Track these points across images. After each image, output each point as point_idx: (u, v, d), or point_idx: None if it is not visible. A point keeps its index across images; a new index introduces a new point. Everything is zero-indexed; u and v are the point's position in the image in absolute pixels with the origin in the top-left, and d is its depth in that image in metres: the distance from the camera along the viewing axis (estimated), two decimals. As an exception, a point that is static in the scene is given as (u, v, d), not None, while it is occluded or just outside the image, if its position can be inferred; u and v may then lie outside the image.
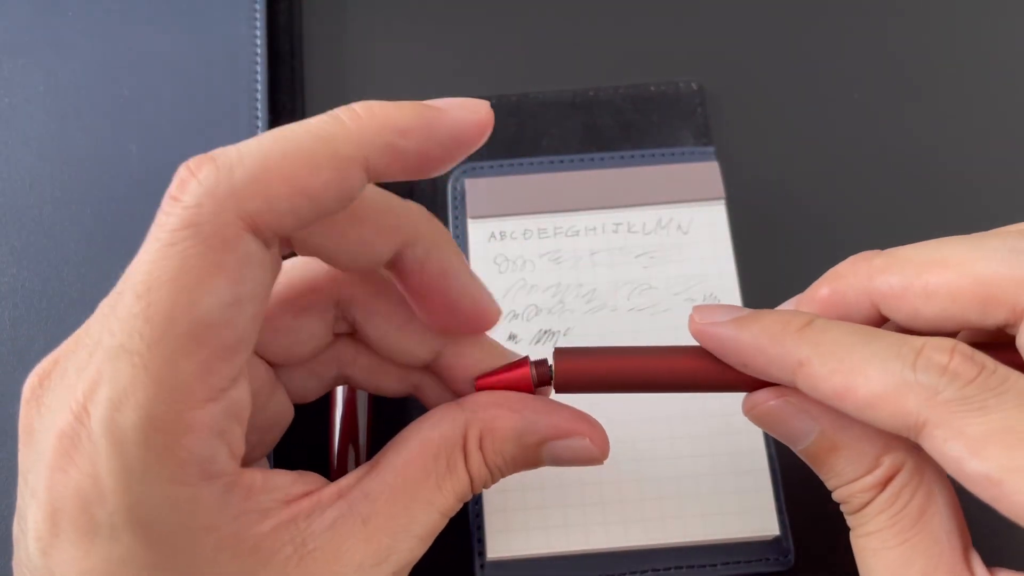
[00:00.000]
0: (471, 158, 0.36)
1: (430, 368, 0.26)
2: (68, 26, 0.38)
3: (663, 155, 0.36)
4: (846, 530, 0.31)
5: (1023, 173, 0.38)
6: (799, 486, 0.31)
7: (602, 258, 0.34)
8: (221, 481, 0.20)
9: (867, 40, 0.40)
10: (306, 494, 0.21)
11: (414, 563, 0.22)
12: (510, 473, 0.24)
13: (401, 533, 0.22)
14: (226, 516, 0.20)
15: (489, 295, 0.24)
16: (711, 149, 0.36)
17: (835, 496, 0.24)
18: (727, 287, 0.33)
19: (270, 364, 0.25)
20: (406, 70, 0.39)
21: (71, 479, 0.19)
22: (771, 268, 0.35)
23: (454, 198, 0.35)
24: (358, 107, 0.20)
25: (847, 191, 0.37)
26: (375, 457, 0.23)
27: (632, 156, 0.36)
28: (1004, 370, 0.20)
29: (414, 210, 0.23)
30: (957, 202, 0.37)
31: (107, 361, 0.18)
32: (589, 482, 0.30)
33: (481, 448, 0.23)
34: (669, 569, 0.30)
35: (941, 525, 0.22)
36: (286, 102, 0.38)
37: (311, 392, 0.26)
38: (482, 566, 0.30)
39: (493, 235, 0.34)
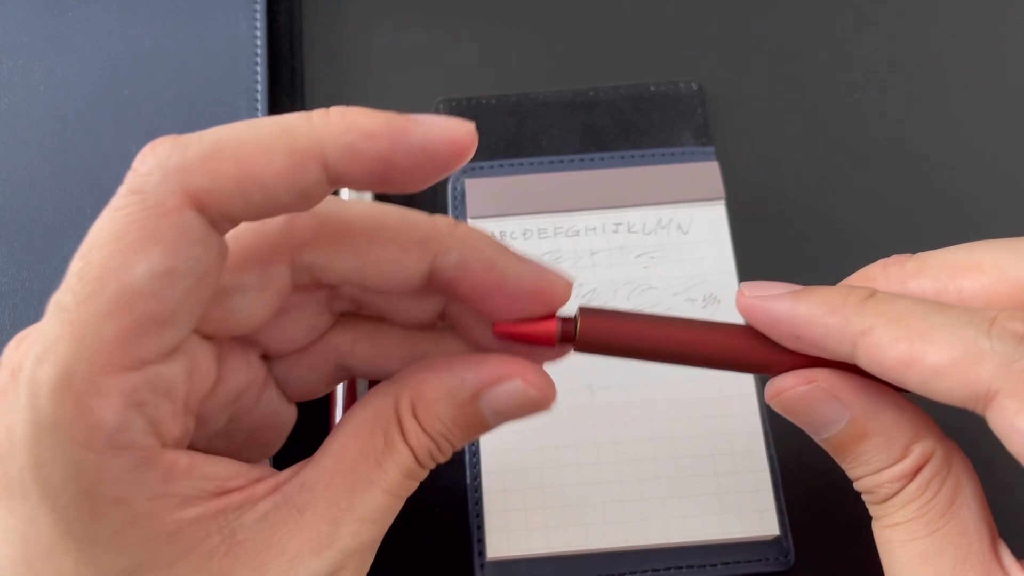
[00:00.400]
0: (471, 158, 0.36)
1: (439, 326, 0.25)
2: (68, 26, 0.38)
3: (663, 155, 0.36)
4: (846, 530, 0.31)
5: (1023, 173, 0.38)
6: (799, 486, 0.32)
7: (602, 258, 0.34)
8: (132, 454, 0.19)
9: (867, 40, 0.40)
10: (244, 487, 0.21)
11: (367, 547, 0.21)
12: (460, 440, 0.23)
13: (343, 517, 0.21)
14: (139, 494, 0.19)
15: (550, 269, 0.23)
16: (711, 149, 0.36)
17: (859, 485, 0.23)
18: (727, 287, 0.33)
19: (264, 357, 0.24)
20: (406, 70, 0.39)
21: None
22: (771, 268, 0.35)
23: (454, 198, 0.35)
24: (333, 110, 0.19)
25: (847, 191, 0.37)
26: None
27: (632, 156, 0.36)
28: None
29: (440, 221, 0.22)
30: (957, 202, 0.37)
31: (46, 318, 0.18)
32: (589, 482, 0.30)
33: (416, 416, 0.22)
34: (669, 569, 0.30)
35: (970, 516, 0.21)
36: (286, 102, 0.38)
37: (311, 387, 0.25)
38: (482, 566, 0.30)
39: (493, 235, 0.34)
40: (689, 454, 0.31)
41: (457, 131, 0.20)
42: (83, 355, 0.18)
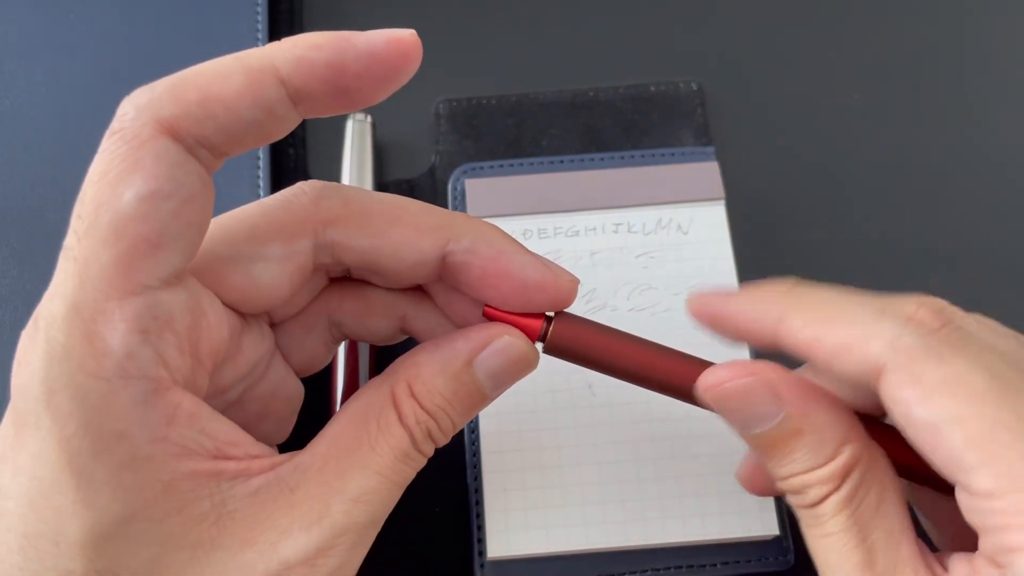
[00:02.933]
0: (471, 158, 0.36)
1: (423, 289, 0.26)
2: (69, 27, 0.38)
3: (663, 155, 0.36)
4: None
5: (1023, 173, 0.38)
6: (799, 486, 0.32)
7: (602, 258, 0.34)
8: (139, 385, 0.19)
9: (867, 41, 0.40)
10: (241, 458, 0.21)
11: (358, 528, 0.22)
12: (460, 414, 0.23)
13: (333, 497, 0.21)
14: (141, 431, 0.19)
15: (556, 266, 0.24)
16: (711, 149, 0.36)
17: (786, 485, 0.23)
18: (727, 287, 0.33)
19: (270, 325, 0.25)
20: (406, 70, 0.39)
21: (20, 372, 0.20)
22: (771, 268, 0.35)
23: (454, 198, 0.35)
24: (285, 39, 0.21)
25: (847, 191, 0.37)
26: None
27: (632, 156, 0.36)
28: (971, 327, 0.21)
29: (456, 214, 0.24)
30: (957, 202, 0.37)
31: (58, 264, 0.20)
32: (589, 482, 0.30)
33: (414, 395, 0.23)
34: (669, 569, 0.30)
35: (896, 518, 0.22)
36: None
37: (309, 353, 0.26)
38: (482, 566, 0.30)
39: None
40: (689, 454, 0.31)
41: (398, 33, 0.21)
42: (87, 284, 0.19)
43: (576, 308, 0.33)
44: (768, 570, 0.30)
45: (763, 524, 0.30)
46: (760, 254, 0.35)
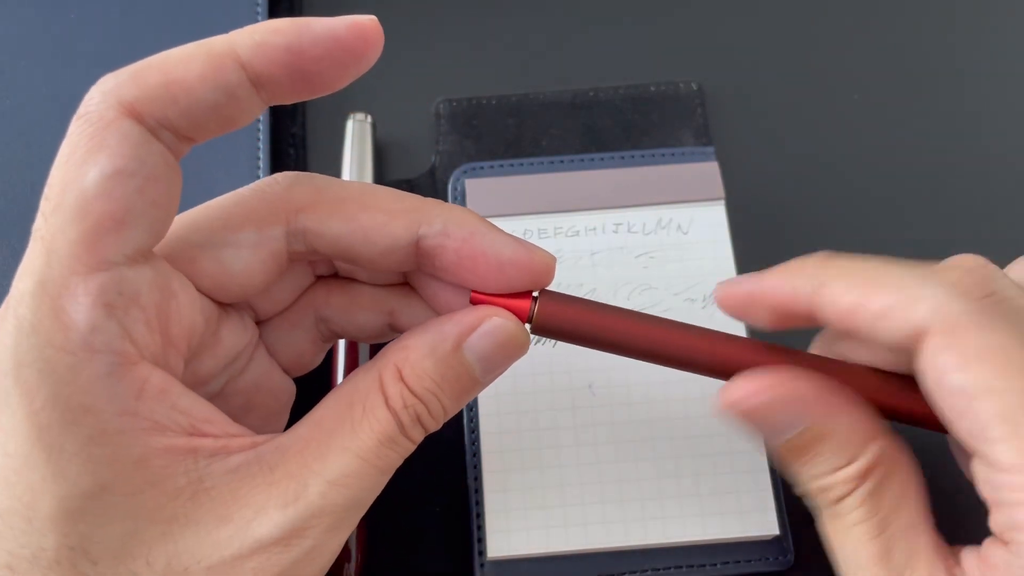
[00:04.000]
0: (471, 158, 0.36)
1: (409, 283, 0.26)
2: (70, 27, 0.38)
3: (663, 155, 0.36)
4: (846, 530, 0.31)
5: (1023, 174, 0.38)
6: (799, 486, 0.32)
7: (602, 258, 0.34)
8: (105, 358, 0.19)
9: (867, 41, 0.40)
10: (218, 436, 0.21)
11: (336, 511, 0.21)
12: (451, 399, 0.23)
13: (311, 478, 0.21)
14: (108, 405, 0.19)
15: (532, 244, 0.24)
16: (711, 149, 0.36)
17: (812, 487, 0.23)
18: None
19: (256, 323, 0.25)
20: (406, 70, 0.39)
21: None
22: (771, 268, 0.35)
23: (454, 198, 0.35)
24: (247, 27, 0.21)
25: (847, 191, 0.37)
26: None
27: (632, 156, 0.36)
28: (1016, 299, 0.21)
29: (428, 199, 0.24)
30: (957, 202, 0.37)
31: (29, 245, 0.20)
32: (589, 482, 0.30)
33: (403, 379, 0.22)
34: (669, 569, 0.30)
35: (916, 510, 0.23)
36: (287, 103, 0.38)
37: (297, 350, 0.26)
38: (482, 565, 0.30)
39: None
40: (689, 454, 0.31)
41: (359, 18, 0.21)
42: (54, 261, 0.19)
43: (576, 308, 0.33)
44: (768, 570, 0.30)
45: (763, 524, 0.30)
46: (760, 254, 0.35)
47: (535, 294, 0.24)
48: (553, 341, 0.32)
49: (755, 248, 0.35)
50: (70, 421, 0.19)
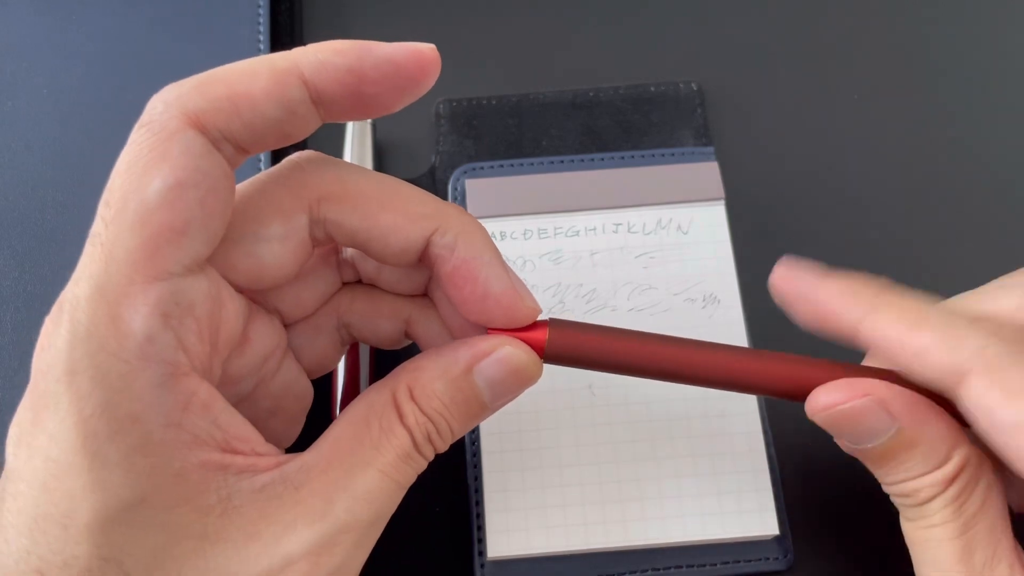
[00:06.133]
0: (472, 158, 0.36)
1: (427, 296, 0.26)
2: (71, 28, 0.38)
3: (663, 155, 0.36)
4: (846, 530, 0.31)
5: (1024, 172, 0.38)
6: (799, 486, 0.32)
7: (602, 258, 0.34)
8: (158, 368, 0.19)
9: (867, 41, 0.40)
10: (248, 454, 0.21)
11: (362, 526, 0.22)
12: (459, 421, 0.24)
13: (338, 494, 0.21)
14: (156, 415, 0.19)
15: (524, 288, 0.24)
16: (711, 149, 0.36)
17: (895, 490, 0.24)
18: (727, 287, 0.33)
19: (283, 325, 0.26)
20: (406, 71, 0.39)
21: (43, 356, 0.20)
22: (771, 268, 0.35)
23: (454, 198, 0.35)
24: (310, 45, 0.22)
25: (847, 191, 0.37)
26: None
27: (632, 156, 0.36)
28: None
29: (449, 205, 0.24)
30: (957, 202, 0.37)
31: (84, 250, 0.20)
32: (589, 482, 0.31)
33: (414, 399, 0.23)
34: (669, 569, 0.30)
35: (997, 514, 0.24)
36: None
37: (320, 353, 0.26)
38: (482, 565, 0.30)
39: (493, 235, 0.34)
40: (689, 454, 0.31)
41: (419, 46, 0.22)
42: (113, 268, 0.19)
43: (576, 308, 0.33)
44: (768, 570, 0.30)
45: (763, 524, 0.30)
46: (760, 254, 0.35)
47: (544, 320, 0.24)
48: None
49: (755, 248, 0.35)
50: (117, 430, 0.19)
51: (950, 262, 0.36)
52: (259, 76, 0.21)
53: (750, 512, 0.30)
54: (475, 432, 0.32)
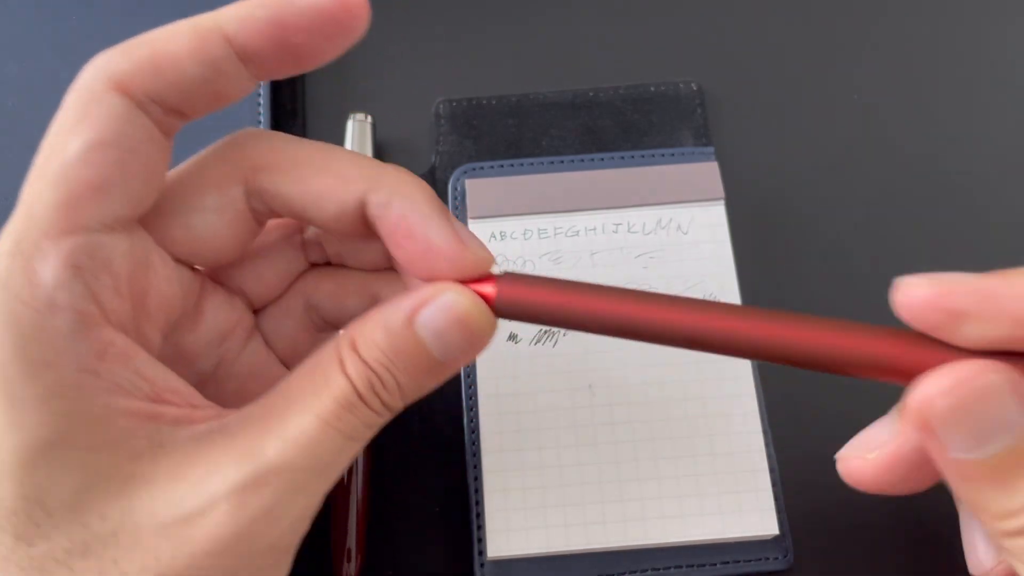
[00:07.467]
0: (471, 158, 0.36)
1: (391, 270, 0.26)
2: (71, 28, 0.38)
3: (663, 156, 0.36)
4: (846, 530, 0.31)
5: (1024, 172, 0.38)
6: (799, 486, 0.32)
7: (602, 258, 0.34)
8: (67, 315, 0.20)
9: (867, 41, 0.40)
10: (181, 406, 0.21)
11: (293, 470, 0.21)
12: (406, 376, 0.22)
13: (269, 437, 0.21)
14: (69, 361, 0.20)
15: (472, 238, 0.23)
16: (711, 149, 0.36)
17: (1014, 525, 0.19)
18: (727, 287, 0.33)
19: (252, 311, 0.26)
20: (406, 70, 0.39)
21: None
22: (771, 268, 0.35)
23: (454, 198, 0.35)
24: None
25: (847, 192, 0.37)
26: None
27: (632, 157, 0.36)
28: None
29: (387, 166, 0.24)
30: (957, 203, 0.37)
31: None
32: (589, 482, 0.30)
33: (355, 348, 0.22)
34: (669, 569, 0.30)
35: None
36: (287, 102, 0.38)
37: (291, 337, 0.26)
38: (482, 565, 0.30)
39: (493, 235, 0.34)
40: (689, 454, 0.31)
41: None
42: (31, 224, 0.20)
43: (576, 308, 0.33)
44: (768, 570, 0.30)
45: (763, 524, 0.30)
46: (760, 254, 0.35)
47: (496, 273, 0.23)
48: (554, 341, 0.33)
49: (755, 248, 0.35)
50: (30, 374, 0.19)
51: (951, 262, 0.36)
52: (181, 35, 0.21)
53: (750, 512, 0.30)
54: (475, 433, 0.32)
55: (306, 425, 0.21)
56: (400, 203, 0.23)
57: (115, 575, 0.20)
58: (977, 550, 0.23)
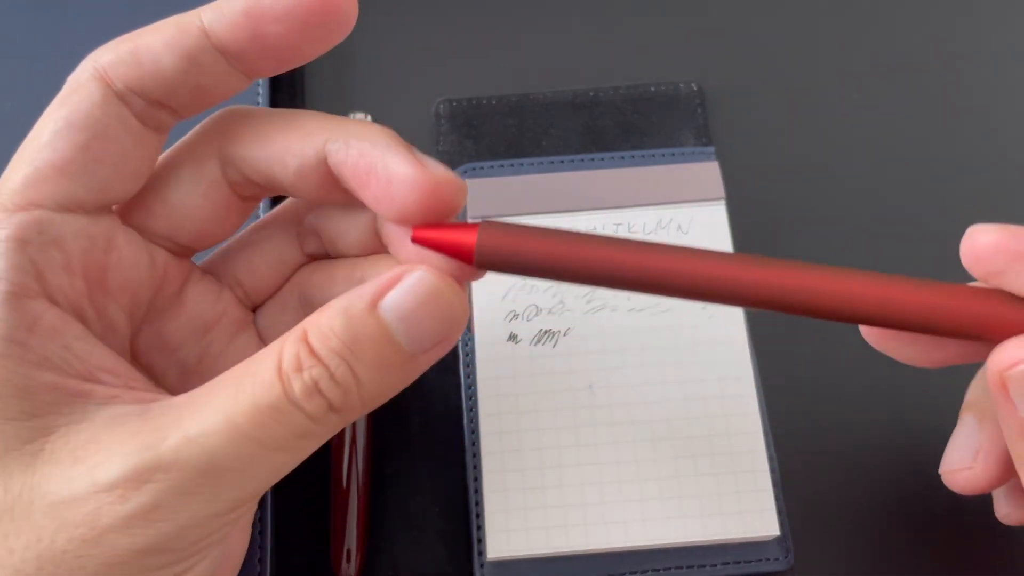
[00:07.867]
0: (472, 158, 0.36)
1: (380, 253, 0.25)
2: (71, 28, 0.38)
3: (663, 155, 0.36)
4: (846, 530, 0.31)
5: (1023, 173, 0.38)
6: (799, 486, 0.32)
7: (602, 258, 0.34)
8: (2, 285, 0.20)
9: (867, 40, 0.40)
10: (115, 386, 0.21)
11: (185, 470, 0.19)
12: (367, 368, 0.20)
13: (172, 431, 0.20)
14: None
15: (434, 162, 0.22)
16: (711, 149, 0.36)
17: None
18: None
19: (247, 307, 0.26)
20: (406, 70, 0.39)
21: None
22: (771, 268, 0.35)
23: (454, 199, 0.35)
24: None
25: (847, 191, 0.37)
26: None
27: (632, 157, 0.36)
28: None
29: (350, 120, 0.23)
30: (957, 202, 0.37)
31: None
32: (589, 482, 0.30)
33: (307, 339, 0.20)
34: (669, 569, 0.30)
35: None
36: (286, 102, 0.38)
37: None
38: (482, 566, 0.30)
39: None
40: (689, 454, 0.31)
41: None
42: None
43: (577, 308, 0.33)
44: (768, 570, 0.30)
45: (763, 524, 0.30)
46: (760, 254, 0.35)
47: (477, 221, 0.22)
48: (554, 341, 0.32)
49: (755, 248, 0.35)
50: None
51: (951, 262, 0.36)
52: (162, 29, 0.22)
53: (750, 513, 0.30)
54: (475, 432, 0.31)
55: (210, 426, 0.19)
56: (358, 143, 0.22)
57: (3, 550, 0.20)
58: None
